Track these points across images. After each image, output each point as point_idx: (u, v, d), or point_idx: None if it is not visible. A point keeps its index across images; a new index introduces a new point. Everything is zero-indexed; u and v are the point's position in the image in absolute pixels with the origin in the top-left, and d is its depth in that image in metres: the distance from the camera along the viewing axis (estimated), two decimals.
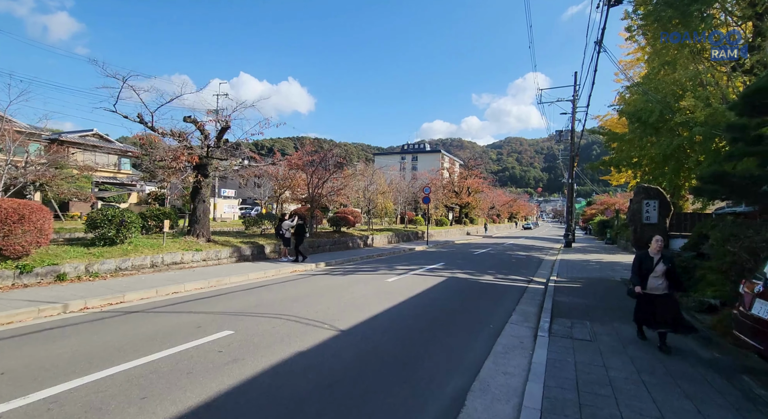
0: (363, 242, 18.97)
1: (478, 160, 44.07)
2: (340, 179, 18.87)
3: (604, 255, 18.73)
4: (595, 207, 51.81)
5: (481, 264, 13.74)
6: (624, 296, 8.01)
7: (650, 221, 9.99)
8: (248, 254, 11.70)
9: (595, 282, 10.14)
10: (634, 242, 10.22)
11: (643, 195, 10.08)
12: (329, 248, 16.13)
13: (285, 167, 18.26)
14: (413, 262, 13.59)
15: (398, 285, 8.71)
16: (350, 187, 23.12)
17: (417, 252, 18.19)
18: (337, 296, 7.31)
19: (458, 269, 12.06)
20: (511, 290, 8.93)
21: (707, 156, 12.84)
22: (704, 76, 13.10)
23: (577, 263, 14.98)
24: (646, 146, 15.71)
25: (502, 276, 11.09)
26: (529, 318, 6.35)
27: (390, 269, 11.38)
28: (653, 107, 13.78)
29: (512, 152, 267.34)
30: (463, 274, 11.02)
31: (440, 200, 34.18)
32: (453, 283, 9.40)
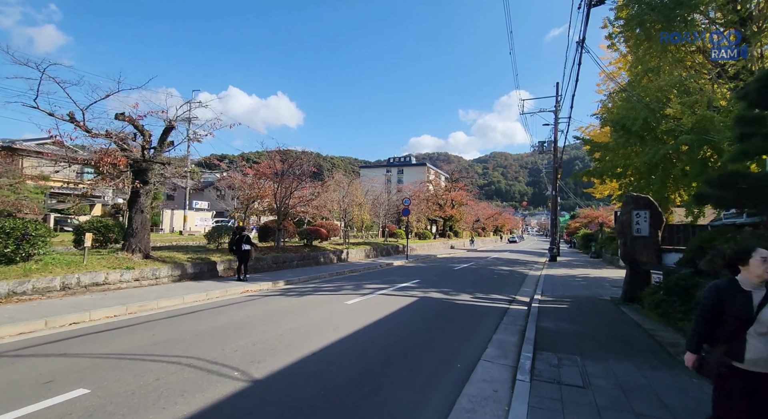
0: (336, 257, 17.65)
1: (462, 172, 43.49)
2: (312, 188, 17.67)
3: (590, 270, 17.87)
4: (579, 220, 51.75)
5: (459, 281, 12.59)
6: (616, 321, 6.95)
7: (641, 233, 9.06)
8: (195, 273, 10.28)
9: (583, 302, 9.10)
10: (623, 256, 9.27)
11: (633, 205, 9.18)
12: (297, 264, 14.77)
13: (253, 177, 16.99)
14: (386, 279, 12.35)
15: (358, 309, 7.45)
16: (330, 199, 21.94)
17: (393, 268, 16.96)
18: (277, 325, 6.01)
19: (433, 287, 10.88)
20: (489, 313, 7.78)
21: (693, 165, 12.18)
22: (689, 83, 12.57)
23: (563, 279, 14.00)
24: (631, 156, 15.06)
25: (482, 296, 9.95)
26: (508, 352, 5.18)
27: (356, 289, 10.12)
28: (637, 114, 13.14)
29: (498, 167, 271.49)
30: (438, 293, 9.84)
31: (423, 213, 33.20)
32: (423, 305, 8.20)
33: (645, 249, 9.01)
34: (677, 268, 7.96)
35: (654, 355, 4.93)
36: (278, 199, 14.85)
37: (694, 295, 7.04)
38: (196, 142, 27.85)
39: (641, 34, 13.70)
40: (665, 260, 8.94)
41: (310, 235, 16.63)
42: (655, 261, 8.90)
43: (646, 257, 8.98)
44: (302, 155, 15.14)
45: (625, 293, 9.12)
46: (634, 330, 6.36)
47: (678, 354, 4.96)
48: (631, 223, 9.14)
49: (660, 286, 7.45)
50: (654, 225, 8.98)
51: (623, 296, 9.18)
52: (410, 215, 31.63)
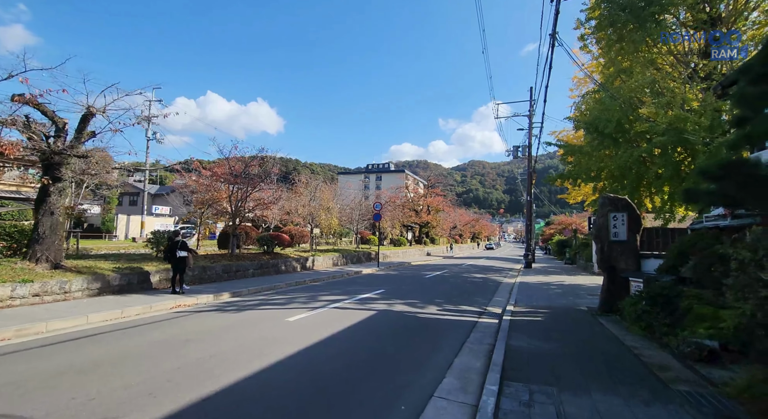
0: (300, 265, 16.37)
1: (439, 178, 43.04)
2: (275, 191, 16.40)
3: (564, 277, 17.33)
4: (554, 227, 52.25)
5: (429, 291, 11.62)
6: (595, 337, 6.11)
7: (618, 237, 8.37)
8: (121, 285, 8.84)
9: (558, 313, 8.27)
10: (600, 263, 8.55)
11: (610, 207, 8.50)
12: (252, 273, 13.42)
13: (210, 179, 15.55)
14: (348, 289, 11.22)
15: (300, 327, 6.30)
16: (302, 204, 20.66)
17: (362, 276, 15.84)
18: (180, 354, 4.79)
19: (399, 298, 9.84)
20: (455, 328, 6.79)
21: (667, 168, 11.80)
22: (662, 83, 12.26)
23: (538, 286, 13.28)
24: (604, 159, 14.67)
25: (451, 307, 8.99)
26: (469, 383, 4.18)
27: (309, 301, 8.94)
28: (611, 116, 12.71)
29: (475, 175, 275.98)
30: (402, 305, 8.80)
31: (397, 219, 32.31)
32: (381, 321, 7.13)
33: (623, 255, 8.32)
34: (658, 275, 7.26)
35: (643, 383, 4.05)
36: (233, 202, 13.51)
37: (679, 306, 6.32)
38: (158, 143, 25.60)
39: (613, 34, 13.37)
40: (644, 266, 8.28)
41: (270, 241, 15.31)
42: (634, 268, 8.21)
43: (625, 264, 8.28)
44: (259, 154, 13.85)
45: (603, 303, 8.38)
46: (617, 347, 5.51)
47: (671, 381, 4.10)
48: (608, 226, 8.44)
49: (641, 296, 6.70)
50: (632, 229, 8.31)
51: (601, 306, 8.43)
52: (384, 221, 30.69)
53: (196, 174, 16.91)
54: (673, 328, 6.05)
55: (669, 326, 6.08)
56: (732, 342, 5.18)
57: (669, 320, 6.12)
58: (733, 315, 5.41)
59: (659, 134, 11.30)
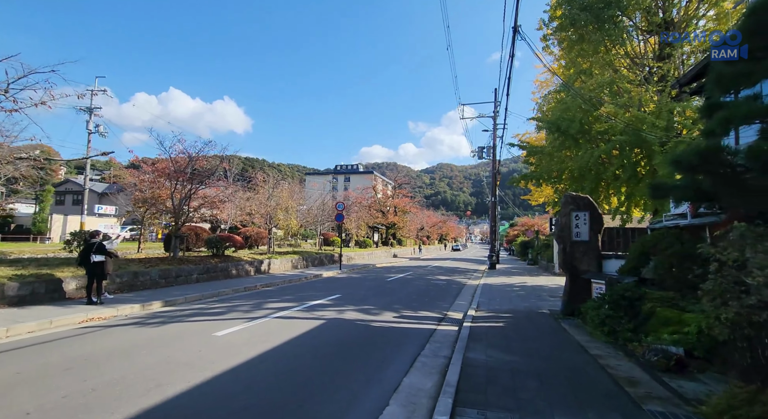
0: (255, 269, 15.20)
1: (407, 179, 42.73)
2: (228, 189, 15.15)
3: (527, 277, 17.29)
4: (518, 229, 53.55)
5: (389, 295, 10.94)
6: (559, 345, 5.65)
7: (580, 237, 8.09)
8: (21, 296, 7.44)
9: (520, 318, 7.85)
10: (562, 264, 8.24)
11: (572, 206, 8.21)
12: (197, 278, 12.15)
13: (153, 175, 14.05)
14: (301, 295, 10.31)
15: (226, 344, 5.37)
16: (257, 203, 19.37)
17: (320, 280, 14.93)
18: (57, 387, 3.77)
19: (354, 304, 9.08)
20: (410, 338, 6.12)
21: (625, 169, 11.89)
22: (620, 83, 12.36)
23: (501, 288, 12.99)
24: (566, 160, 14.72)
25: (409, 313, 8.34)
26: (417, 411, 3.49)
27: (251, 310, 7.97)
28: (573, 115, 12.68)
29: (444, 177, 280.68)
30: (356, 313, 8.05)
31: (363, 220, 31.55)
32: (327, 332, 6.33)
33: (585, 256, 8.05)
34: (620, 277, 6.98)
35: (613, 403, 3.54)
36: (175, 199, 12.20)
37: (641, 309, 6.01)
38: (101, 136, 23.32)
39: (573, 34, 13.39)
40: (606, 267, 8.05)
41: (219, 243, 14.05)
42: (596, 269, 7.95)
43: (587, 265, 8.01)
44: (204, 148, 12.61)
45: (565, 306, 8.06)
46: (581, 358, 5.05)
47: (642, 399, 3.62)
48: (571, 226, 8.14)
49: (604, 299, 6.35)
50: (594, 229, 8.05)
51: (563, 309, 8.10)
52: (349, 222, 29.84)
53: (139, 170, 15.31)
54: (636, 333, 5.72)
55: (633, 331, 5.74)
56: (696, 348, 4.86)
57: (632, 324, 5.79)
58: (696, 320, 5.12)
59: (618, 134, 11.32)
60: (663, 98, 11.69)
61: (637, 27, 13.37)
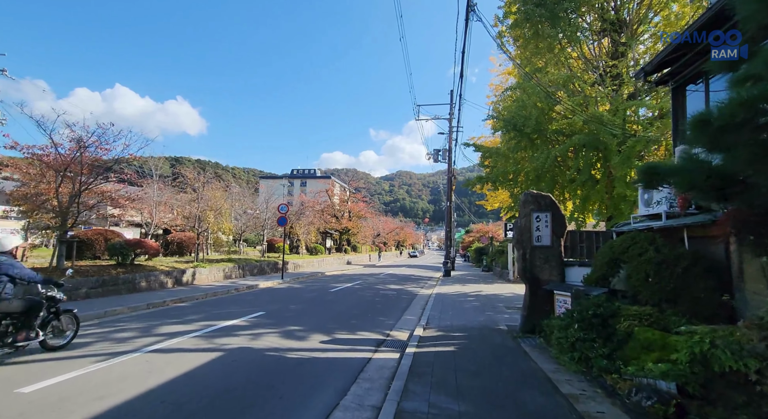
0: (174, 281, 12.87)
1: (362, 182, 41.31)
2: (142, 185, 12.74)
3: (482, 285, 16.45)
4: (473, 235, 54.03)
5: (326, 310, 9.33)
6: (523, 379, 4.37)
7: (541, 242, 7.06)
8: None
9: (475, 338, 6.60)
10: (522, 273, 7.15)
11: (533, 206, 7.17)
12: (87, 293, 9.75)
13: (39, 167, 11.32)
14: (215, 313, 8.39)
15: (26, 408, 3.50)
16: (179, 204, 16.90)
17: (254, 292, 12.95)
18: None
19: (277, 325, 7.37)
20: (333, 375, 4.59)
21: (583, 171, 11.34)
22: (576, 81, 11.88)
23: (455, 299, 11.85)
24: (521, 162, 14.09)
25: (344, 335, 6.80)
26: None
27: (129, 339, 6.01)
28: (529, 113, 11.99)
29: (403, 185, 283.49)
30: (275, 337, 6.36)
31: (313, 224, 29.58)
32: (218, 370, 4.61)
33: (547, 263, 7.02)
34: (587, 288, 5.96)
35: None
36: (61, 195, 9.75)
37: (616, 329, 4.95)
38: None
39: (529, 30, 12.76)
40: (568, 276, 7.06)
41: (125, 250, 11.63)
42: (559, 278, 6.94)
43: (548, 274, 6.98)
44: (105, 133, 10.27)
45: (525, 322, 6.95)
46: (551, 401, 3.81)
47: None
48: (531, 229, 7.09)
49: (572, 316, 5.25)
50: (557, 232, 7.05)
51: (522, 326, 6.99)
52: (298, 227, 27.77)
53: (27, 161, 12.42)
54: (613, 360, 4.63)
55: (608, 357, 4.65)
56: (690, 381, 3.80)
57: (607, 348, 4.69)
58: (686, 344, 4.09)
59: (576, 132, 10.70)
60: (618, 97, 11.33)
61: (591, 29, 13.07)
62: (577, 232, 7.50)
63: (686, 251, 5.16)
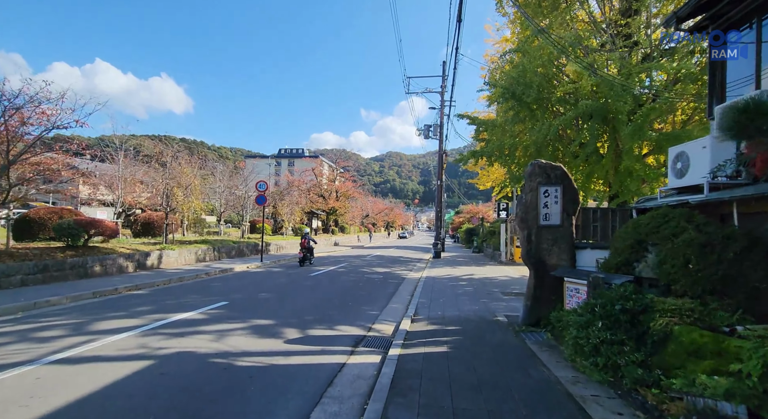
0: (136, 265, 11.60)
1: (349, 161, 39.78)
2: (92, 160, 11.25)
3: (474, 268, 15.59)
4: (463, 216, 53.40)
5: (300, 300, 8.26)
6: (537, 390, 3.34)
7: (550, 221, 6.01)
8: None
9: (471, 333, 5.62)
10: (526, 256, 6.12)
11: (541, 178, 6.07)
12: (23, 280, 8.45)
13: None
14: (174, 303, 7.24)
15: None
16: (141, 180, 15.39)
17: (227, 276, 11.79)
18: None
19: (240, 318, 6.26)
20: (291, 391, 3.53)
21: (590, 141, 10.27)
22: (585, 42, 10.62)
23: (446, 283, 10.91)
24: (520, 134, 12.96)
25: (317, 331, 5.74)
26: None
27: (54, 337, 4.83)
28: (530, 79, 10.76)
29: (393, 166, 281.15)
30: (233, 334, 5.27)
31: (298, 204, 28.26)
32: (139, 389, 3.49)
33: (555, 245, 5.99)
34: (607, 276, 4.95)
35: None
36: None
37: (649, 327, 3.97)
38: None
39: None
40: (580, 260, 6.07)
41: (74, 231, 10.26)
42: (569, 263, 5.94)
43: (557, 258, 5.97)
44: None
45: (529, 313, 5.98)
46: None
47: None
48: (538, 205, 6.02)
49: (592, 311, 4.24)
50: (568, 209, 6.00)
51: (526, 318, 6.02)
52: (282, 206, 26.46)
53: None
54: (649, 368, 3.68)
55: (643, 365, 3.69)
56: (765, 404, 2.84)
57: (642, 354, 3.72)
58: (754, 351, 3.11)
59: (584, 97, 9.55)
60: (630, 60, 10.16)
61: None
62: (590, 209, 6.47)
63: (737, 231, 4.14)
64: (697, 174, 4.85)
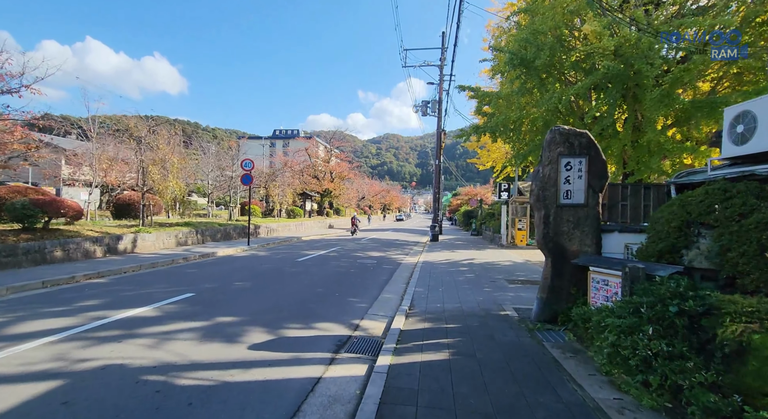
0: (105, 249, 10.59)
1: (343, 141, 38.34)
2: None
3: (474, 252, 14.72)
4: (460, 198, 52.43)
5: (280, 290, 7.31)
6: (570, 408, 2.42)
7: (572, 199, 5.01)
8: None
9: (477, 330, 4.70)
10: (543, 241, 5.14)
11: (562, 148, 5.03)
12: None
13: None
14: (125, 295, 6.27)
15: None
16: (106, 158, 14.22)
17: (207, 262, 10.83)
18: None
19: (199, 316, 5.31)
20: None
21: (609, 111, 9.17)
22: None
23: (444, 269, 10.01)
24: (527, 107, 11.83)
25: (291, 331, 4.80)
26: None
27: None
28: (542, 42, 9.56)
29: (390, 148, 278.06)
30: (186, 337, 4.32)
31: (291, 186, 27.12)
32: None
33: (578, 228, 5.01)
34: (648, 265, 3.99)
35: None
36: None
37: (716, 334, 3.04)
38: None
39: None
40: (606, 245, 5.11)
41: (29, 211, 9.18)
42: (593, 249, 4.98)
43: (579, 243, 5.00)
44: None
45: (544, 307, 5.06)
46: None
47: None
48: (558, 180, 5.00)
49: (637, 311, 3.29)
50: (594, 184, 4.99)
51: (540, 313, 5.10)
52: (273, 188, 25.33)
53: None
54: (723, 392, 2.78)
55: (714, 387, 2.78)
56: None
57: (713, 373, 2.80)
58: None
59: (608, 58, 8.37)
60: (655, 18, 8.95)
61: None
62: (618, 185, 5.43)
63: None
64: (766, 139, 3.83)
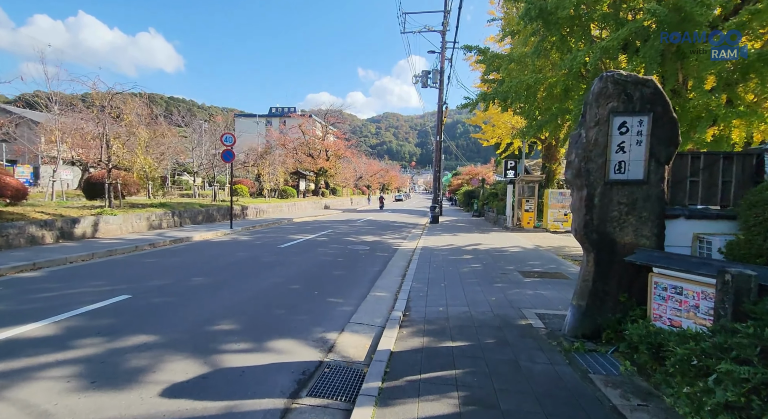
0: (57, 234, 9.28)
1: (338, 117, 36.41)
2: None
3: (478, 235, 13.45)
4: (461, 177, 50.87)
5: (244, 287, 6.04)
6: None
7: (627, 174, 3.63)
8: None
9: (493, 353, 3.40)
10: (582, 231, 3.80)
11: (615, 103, 3.60)
12: None
13: None
14: (37, 297, 5.00)
15: None
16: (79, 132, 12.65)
17: (172, 249, 9.55)
18: None
19: (116, 335, 4.04)
20: None
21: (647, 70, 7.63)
22: None
23: (447, 257, 8.73)
24: (544, 69, 10.27)
25: (238, 355, 3.53)
26: None
27: None
28: None
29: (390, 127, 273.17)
30: (75, 379, 3.04)
31: (284, 164, 25.60)
32: None
33: (632, 214, 3.66)
34: (756, 269, 2.66)
35: None
36: None
37: None
38: None
39: None
40: (671, 235, 3.77)
41: None
42: (654, 242, 3.64)
43: (634, 234, 3.66)
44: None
45: (583, 318, 3.77)
46: None
47: None
48: (609, 147, 3.61)
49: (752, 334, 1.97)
50: (659, 154, 3.60)
51: (578, 324, 3.82)
52: (262, 167, 23.84)
53: None
54: None
55: None
56: None
57: None
58: None
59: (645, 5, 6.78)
60: None
61: None
62: (687, 154, 4.00)
63: None
64: None
